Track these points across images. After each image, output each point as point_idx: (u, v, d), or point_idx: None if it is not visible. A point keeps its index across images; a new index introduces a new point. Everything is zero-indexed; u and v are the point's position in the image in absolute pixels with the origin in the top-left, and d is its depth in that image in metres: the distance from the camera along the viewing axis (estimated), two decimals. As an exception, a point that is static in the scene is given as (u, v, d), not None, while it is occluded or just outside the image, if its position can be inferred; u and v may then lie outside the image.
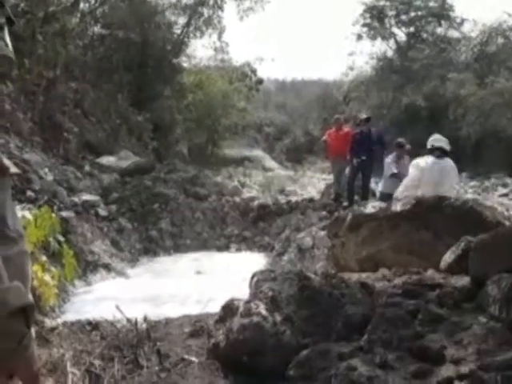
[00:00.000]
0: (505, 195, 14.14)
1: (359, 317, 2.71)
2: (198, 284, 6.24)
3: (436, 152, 5.62)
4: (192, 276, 6.98)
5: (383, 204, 4.44)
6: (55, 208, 6.75)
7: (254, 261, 7.73)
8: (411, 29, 25.86)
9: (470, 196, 12.71)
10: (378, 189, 8.21)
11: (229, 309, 3.01)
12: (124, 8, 14.62)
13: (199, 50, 18.29)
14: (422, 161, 5.66)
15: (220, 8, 17.41)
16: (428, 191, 5.03)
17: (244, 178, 14.30)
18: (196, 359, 2.85)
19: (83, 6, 13.98)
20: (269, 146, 24.09)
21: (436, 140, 5.80)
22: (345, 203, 9.16)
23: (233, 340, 2.68)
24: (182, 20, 17.71)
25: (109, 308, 3.95)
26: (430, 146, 5.74)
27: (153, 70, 15.16)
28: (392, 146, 8.27)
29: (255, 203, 10.15)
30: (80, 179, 9.27)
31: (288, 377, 2.45)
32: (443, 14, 24.90)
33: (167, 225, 9.20)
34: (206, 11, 17.41)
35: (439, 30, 25.39)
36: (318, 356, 2.48)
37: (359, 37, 26.13)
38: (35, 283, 4.03)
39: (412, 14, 25.51)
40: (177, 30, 17.62)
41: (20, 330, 1.24)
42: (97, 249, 7.16)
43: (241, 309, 2.81)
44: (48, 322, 3.56)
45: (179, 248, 8.80)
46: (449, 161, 5.61)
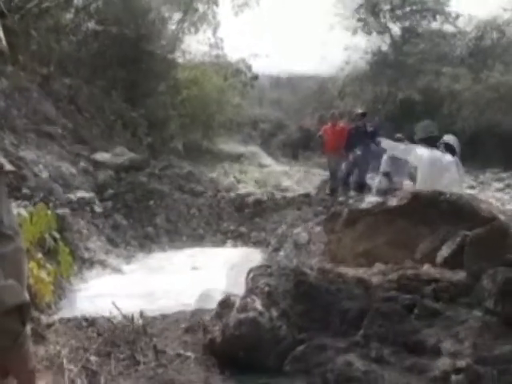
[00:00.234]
0: (500, 190, 14.17)
1: (355, 312, 2.72)
2: (194, 280, 6.23)
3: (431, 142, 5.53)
4: (188, 272, 6.97)
5: (379, 199, 4.45)
6: (51, 205, 6.71)
7: (250, 256, 7.72)
8: (406, 23, 25.84)
9: (466, 191, 12.73)
10: (374, 184, 8.22)
11: (225, 304, 3.02)
12: (118, 3, 14.53)
13: (194, 46, 18.11)
14: (427, 153, 5.57)
15: (215, 3, 17.35)
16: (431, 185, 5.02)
17: (239, 174, 14.26)
18: (192, 355, 2.86)
19: (77, 2, 13.89)
20: (264, 142, 24.01)
21: (429, 126, 5.69)
22: (341, 198, 9.17)
23: (229, 335, 2.68)
24: (177, 16, 17.64)
25: (105, 304, 3.95)
26: (426, 135, 5.66)
27: (147, 66, 15.08)
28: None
29: (251, 199, 10.13)
30: (75, 176, 9.22)
31: (284, 372, 2.45)
32: (438, 9, 24.90)
33: (162, 221, 9.18)
34: (201, 7, 17.35)
35: (434, 25, 25.38)
36: (315, 351, 2.48)
37: (354, 31, 26.08)
38: (31, 280, 4.01)
39: (407, 9, 25.51)
40: (172, 26, 17.56)
41: (15, 328, 1.24)
42: (92, 245, 7.15)
43: (237, 304, 2.82)
44: (44, 319, 3.55)
45: (175, 244, 8.79)
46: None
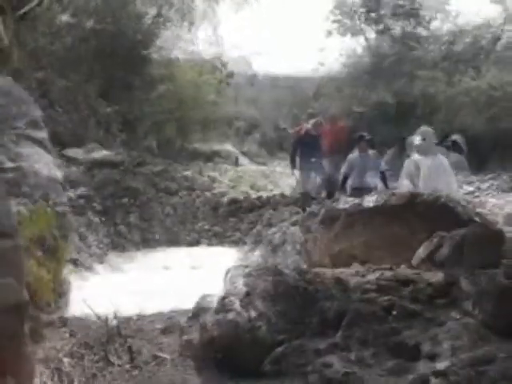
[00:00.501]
0: (470, 193, 14.34)
1: (334, 313, 2.71)
2: (168, 279, 6.15)
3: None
4: (160, 271, 6.88)
5: (356, 199, 4.45)
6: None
7: (226, 256, 7.66)
8: (380, 26, 26.14)
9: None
10: (349, 183, 8.27)
11: (202, 305, 2.97)
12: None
13: (170, 42, 17.92)
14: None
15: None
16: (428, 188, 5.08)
17: (214, 173, 14.17)
18: (168, 356, 2.80)
19: (51, -6, 13.59)
20: (239, 141, 23.95)
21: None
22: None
23: (207, 336, 2.64)
24: (153, 10, 17.44)
25: (76, 304, 3.86)
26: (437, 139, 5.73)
27: (122, 61, 14.86)
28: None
29: (226, 198, 10.08)
30: (46, 171, 9.02)
31: (263, 373, 2.42)
32: (412, 12, 25.27)
33: (136, 219, 9.04)
34: (177, 1, 17.16)
35: (408, 28, 25.73)
36: (294, 352, 2.46)
37: (329, 33, 26.26)
38: (30, 278, 3.92)
39: (381, 12, 25.82)
40: (148, 21, 17.34)
41: (12, 327, 1.21)
42: (64, 243, 6.99)
43: (215, 305, 2.77)
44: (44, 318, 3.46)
45: (149, 243, 8.67)
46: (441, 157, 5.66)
